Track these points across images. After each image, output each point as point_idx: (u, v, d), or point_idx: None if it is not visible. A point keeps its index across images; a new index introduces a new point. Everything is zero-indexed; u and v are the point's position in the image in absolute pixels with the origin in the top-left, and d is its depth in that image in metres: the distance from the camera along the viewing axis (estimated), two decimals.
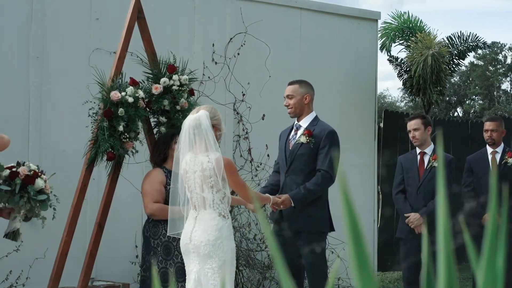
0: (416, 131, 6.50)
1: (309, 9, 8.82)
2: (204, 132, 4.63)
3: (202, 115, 4.66)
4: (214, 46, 8.05)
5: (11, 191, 4.44)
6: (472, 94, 41.85)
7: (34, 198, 4.45)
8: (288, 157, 5.56)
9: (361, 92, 9.26)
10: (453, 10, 68.76)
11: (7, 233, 4.68)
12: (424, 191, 6.46)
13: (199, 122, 4.64)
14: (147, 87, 5.74)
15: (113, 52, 6.93)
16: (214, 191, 4.62)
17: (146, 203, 5.41)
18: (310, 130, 5.53)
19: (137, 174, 6.93)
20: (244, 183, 4.83)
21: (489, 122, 7.27)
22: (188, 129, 4.65)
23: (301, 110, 5.62)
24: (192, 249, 4.64)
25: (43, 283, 6.40)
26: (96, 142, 5.45)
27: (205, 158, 4.62)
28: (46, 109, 6.90)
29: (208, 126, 4.64)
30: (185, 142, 4.67)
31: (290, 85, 5.74)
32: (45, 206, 4.52)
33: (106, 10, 7.27)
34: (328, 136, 5.50)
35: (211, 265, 4.58)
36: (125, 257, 7.29)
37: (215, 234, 4.59)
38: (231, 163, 4.78)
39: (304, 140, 5.49)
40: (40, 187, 4.52)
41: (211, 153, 4.64)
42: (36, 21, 6.89)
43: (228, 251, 4.62)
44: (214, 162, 4.60)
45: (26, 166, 4.55)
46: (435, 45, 9.51)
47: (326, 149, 5.46)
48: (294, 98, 5.62)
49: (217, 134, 4.74)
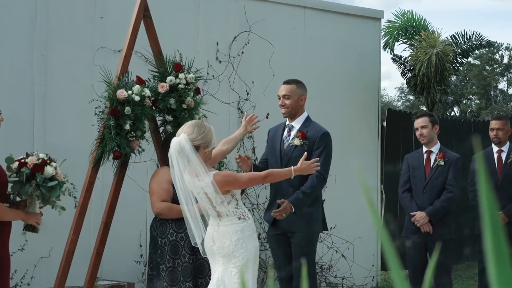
0: (424, 129, 6.49)
1: (312, 8, 8.80)
2: (187, 157, 4.49)
3: (181, 140, 4.50)
4: (218, 44, 8.03)
5: (21, 182, 4.46)
6: (469, 93, 41.86)
7: (43, 185, 4.46)
8: (282, 159, 5.52)
9: (364, 91, 9.25)
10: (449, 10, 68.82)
11: (25, 226, 4.70)
12: (430, 189, 6.45)
13: (181, 147, 4.50)
14: (153, 86, 5.71)
15: (117, 50, 6.91)
16: (225, 204, 4.60)
17: (153, 202, 5.39)
18: (303, 132, 5.49)
19: (142, 173, 6.92)
20: (249, 176, 4.72)
21: (495, 120, 7.24)
22: (173, 153, 4.53)
23: (296, 111, 5.58)
24: (217, 251, 4.65)
25: (48, 283, 6.38)
26: (103, 141, 5.43)
27: (201, 183, 4.54)
28: (51, 108, 6.87)
29: (190, 150, 4.48)
30: (176, 165, 4.54)
31: (286, 84, 5.66)
32: (56, 192, 4.52)
33: (111, 8, 7.25)
34: (322, 138, 5.48)
35: (235, 264, 4.60)
36: (130, 256, 7.27)
37: (237, 236, 4.62)
38: (225, 176, 4.61)
39: (298, 142, 5.45)
40: (50, 174, 4.54)
41: (204, 177, 4.52)
42: (41, 19, 6.87)
43: (251, 249, 4.65)
44: (211, 185, 4.52)
45: (34, 156, 4.58)
46: (439, 44, 9.50)
47: (319, 151, 5.43)
48: (291, 99, 5.56)
49: (205, 152, 4.55)
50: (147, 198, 6.20)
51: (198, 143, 4.52)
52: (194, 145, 4.50)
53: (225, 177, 4.58)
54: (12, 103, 6.64)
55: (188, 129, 4.56)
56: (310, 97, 8.67)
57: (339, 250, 8.67)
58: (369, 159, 9.23)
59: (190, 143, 4.49)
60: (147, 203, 6.80)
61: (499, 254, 0.93)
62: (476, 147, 3.05)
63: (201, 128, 4.58)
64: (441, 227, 6.42)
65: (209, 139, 4.58)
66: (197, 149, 4.51)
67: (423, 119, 6.53)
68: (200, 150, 4.53)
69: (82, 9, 7.15)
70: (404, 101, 43.54)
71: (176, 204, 5.30)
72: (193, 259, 5.29)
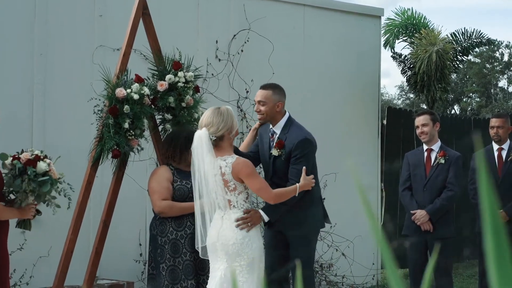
0: (425, 127, 6.48)
1: (312, 6, 8.79)
2: (210, 148, 4.66)
3: (203, 135, 4.66)
4: (217, 43, 8.01)
5: (13, 175, 4.47)
6: (469, 91, 41.84)
7: (34, 179, 4.46)
8: (270, 167, 5.42)
9: (364, 89, 9.23)
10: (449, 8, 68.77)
11: (18, 222, 4.70)
12: (430, 188, 6.43)
13: (203, 142, 4.65)
14: (152, 84, 5.69)
15: (116, 49, 6.88)
16: (236, 193, 4.64)
17: (155, 201, 5.35)
18: (281, 141, 5.33)
19: (141, 172, 6.89)
20: (262, 184, 4.79)
21: (495, 118, 7.22)
22: (197, 146, 4.69)
23: (271, 117, 5.39)
24: (220, 248, 4.66)
25: (47, 282, 6.36)
26: (101, 139, 5.41)
27: (223, 162, 4.66)
28: (50, 106, 6.85)
29: (210, 146, 4.65)
30: (200, 148, 4.69)
31: (262, 89, 5.44)
32: (46, 187, 4.52)
33: (110, 7, 7.23)
34: (298, 146, 5.27)
35: (240, 263, 4.61)
36: (129, 255, 7.25)
37: (243, 233, 4.61)
38: (247, 165, 4.73)
39: (276, 153, 5.30)
40: (43, 170, 4.53)
41: (228, 157, 4.68)
42: (40, 18, 6.85)
43: (256, 249, 4.67)
44: (231, 166, 4.63)
45: (29, 152, 4.59)
46: (439, 42, 9.47)
47: (295, 158, 5.25)
48: (266, 105, 5.35)
49: (229, 138, 4.74)
50: (146, 197, 6.18)
51: (221, 133, 4.67)
52: (217, 136, 4.66)
53: (246, 165, 4.71)
54: (11, 101, 6.62)
55: (207, 120, 4.69)
56: (310, 95, 8.70)
57: (339, 248, 8.66)
58: (369, 157, 9.22)
59: (211, 138, 4.65)
60: (146, 202, 6.78)
61: (500, 253, 0.91)
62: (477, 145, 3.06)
63: (219, 117, 4.70)
64: (441, 225, 6.40)
65: (229, 125, 4.73)
66: (221, 138, 4.68)
67: (424, 117, 6.52)
68: (224, 137, 4.69)
69: (81, 8, 7.14)
70: (405, 99, 43.51)
71: (176, 202, 5.30)
72: (194, 256, 5.26)
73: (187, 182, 5.34)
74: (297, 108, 7.96)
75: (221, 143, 4.72)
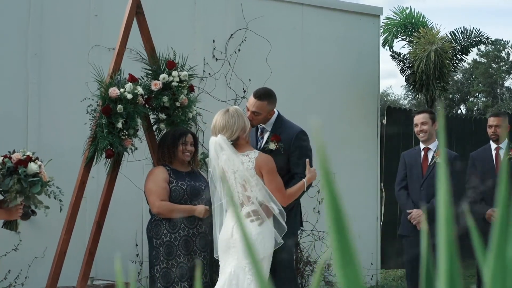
0: (424, 125, 6.46)
1: (310, 5, 8.75)
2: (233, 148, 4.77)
3: (221, 141, 4.75)
4: (214, 42, 7.98)
5: (3, 175, 4.46)
6: (475, 91, 41.74)
7: (24, 179, 4.45)
8: None
9: (364, 88, 9.19)
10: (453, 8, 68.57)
11: (4, 223, 4.68)
12: (427, 187, 6.40)
13: (224, 146, 4.75)
14: (146, 84, 5.67)
15: (112, 48, 6.85)
16: (257, 189, 4.63)
17: (153, 202, 5.30)
18: (277, 135, 5.28)
19: (136, 172, 6.87)
20: (279, 185, 4.80)
21: (493, 117, 7.18)
22: (214, 154, 4.80)
23: (264, 122, 5.34)
24: (233, 244, 4.66)
25: (42, 283, 6.33)
26: (95, 139, 5.39)
27: (245, 158, 4.73)
28: (44, 106, 6.84)
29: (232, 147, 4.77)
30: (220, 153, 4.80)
31: (257, 100, 5.21)
32: (37, 188, 4.51)
33: (105, 6, 7.21)
34: (297, 138, 5.26)
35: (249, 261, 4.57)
36: (126, 256, 7.22)
37: (257, 229, 4.62)
38: (270, 160, 4.80)
39: (273, 146, 5.22)
40: (33, 171, 4.53)
41: (250, 153, 4.75)
42: (35, 17, 6.83)
43: (268, 248, 4.70)
44: (255, 161, 4.70)
45: (21, 152, 4.58)
46: (438, 41, 9.43)
47: (298, 152, 5.24)
48: (260, 116, 5.23)
49: (244, 137, 4.82)
50: (143, 197, 6.15)
51: (237, 136, 4.76)
52: (232, 140, 4.75)
53: (269, 160, 4.80)
54: (6, 101, 6.61)
55: (220, 124, 4.78)
56: (308, 95, 8.67)
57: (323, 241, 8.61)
58: (368, 156, 9.18)
59: (229, 142, 4.75)
60: (143, 203, 6.74)
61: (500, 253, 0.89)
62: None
63: (231, 120, 4.78)
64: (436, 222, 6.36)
65: (242, 125, 4.80)
66: (237, 139, 4.78)
67: (423, 115, 6.50)
68: (240, 138, 4.78)
69: (76, 7, 7.12)
70: (411, 99, 43.42)
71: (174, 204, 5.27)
72: (188, 258, 5.24)
73: (182, 183, 5.31)
74: (296, 107, 7.94)
75: (237, 142, 4.83)
